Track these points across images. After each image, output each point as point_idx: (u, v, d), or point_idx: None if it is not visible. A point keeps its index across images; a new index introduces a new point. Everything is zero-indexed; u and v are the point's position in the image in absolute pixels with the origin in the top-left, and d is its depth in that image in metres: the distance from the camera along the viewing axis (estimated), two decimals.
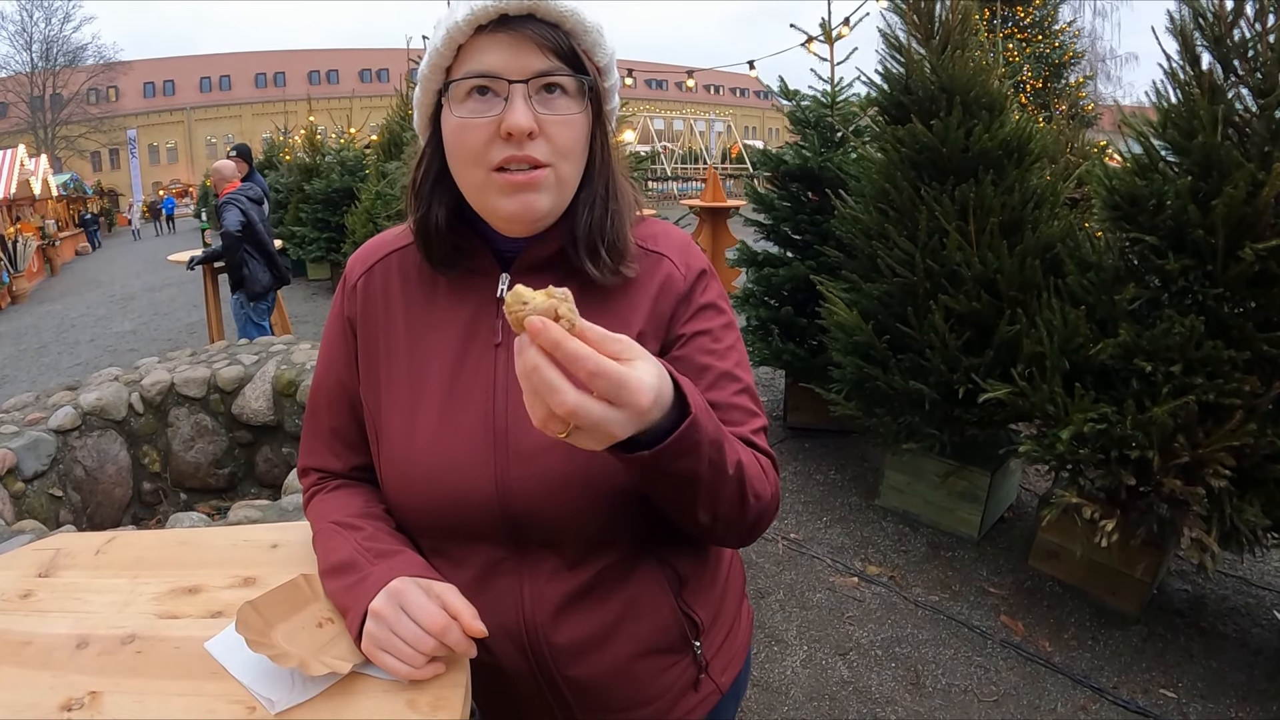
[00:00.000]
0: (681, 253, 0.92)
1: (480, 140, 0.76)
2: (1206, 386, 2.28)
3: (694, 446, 0.67)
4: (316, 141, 11.74)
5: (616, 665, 0.87)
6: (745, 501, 0.78)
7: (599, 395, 0.57)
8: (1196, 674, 2.54)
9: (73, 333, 9.38)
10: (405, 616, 0.75)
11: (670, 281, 0.89)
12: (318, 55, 62.46)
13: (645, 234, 0.92)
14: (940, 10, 3.26)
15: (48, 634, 0.83)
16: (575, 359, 0.56)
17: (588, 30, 0.79)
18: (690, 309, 0.89)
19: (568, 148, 0.79)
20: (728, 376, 0.88)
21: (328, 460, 0.98)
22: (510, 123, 0.74)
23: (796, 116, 4.58)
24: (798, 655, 2.70)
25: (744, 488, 0.77)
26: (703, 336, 0.89)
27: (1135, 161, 2.56)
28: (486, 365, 0.85)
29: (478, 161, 0.77)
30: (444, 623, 0.74)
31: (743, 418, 0.87)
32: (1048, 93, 12.27)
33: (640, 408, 0.59)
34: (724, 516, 0.78)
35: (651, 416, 0.62)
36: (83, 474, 2.92)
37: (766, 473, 0.85)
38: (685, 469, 0.69)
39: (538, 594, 0.84)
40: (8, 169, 16.86)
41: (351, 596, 0.80)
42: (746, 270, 4.73)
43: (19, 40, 41.05)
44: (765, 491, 0.82)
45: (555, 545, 0.85)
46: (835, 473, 4.12)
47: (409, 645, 0.73)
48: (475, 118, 0.76)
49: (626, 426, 0.60)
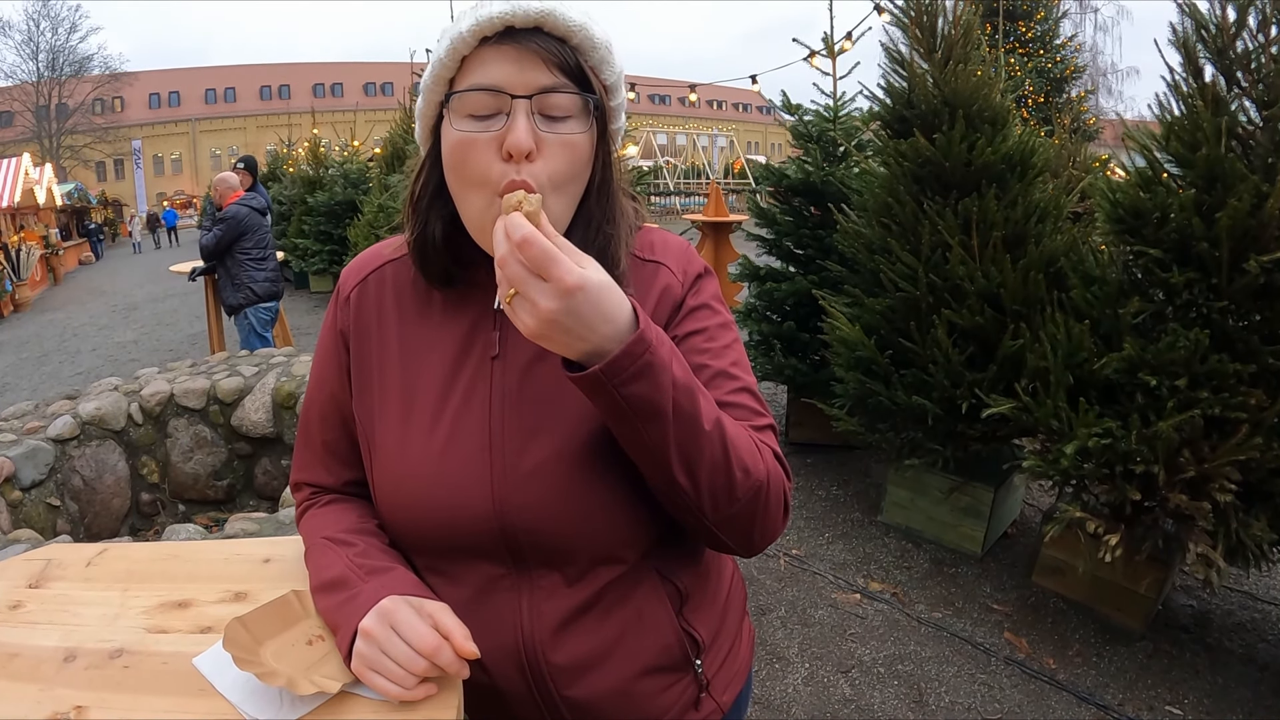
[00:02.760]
0: (680, 260, 0.91)
1: (482, 160, 0.74)
2: (1212, 400, 2.27)
3: (647, 369, 0.67)
4: (320, 154, 11.80)
5: (616, 685, 0.85)
6: (731, 470, 0.75)
7: (528, 263, 0.63)
8: (1202, 690, 2.51)
9: (74, 342, 9.40)
10: (396, 636, 0.73)
11: (668, 290, 0.88)
12: (322, 68, 62.87)
13: (644, 243, 0.91)
14: (943, 25, 3.27)
15: (36, 646, 0.82)
16: (511, 226, 0.63)
17: (596, 46, 0.77)
18: (683, 311, 0.88)
19: (568, 172, 0.77)
20: (724, 375, 0.86)
21: (320, 475, 0.97)
22: (510, 142, 0.72)
23: (799, 131, 4.59)
24: (799, 673, 2.68)
25: (728, 452, 0.74)
26: (696, 336, 0.87)
27: (1139, 174, 2.56)
28: (484, 378, 0.84)
29: (481, 184, 0.75)
30: (435, 643, 0.72)
31: (746, 416, 0.85)
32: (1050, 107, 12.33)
33: (565, 284, 0.62)
34: (707, 483, 0.74)
35: (598, 328, 0.66)
36: (81, 484, 2.91)
37: (763, 455, 0.81)
38: (644, 397, 0.68)
39: (537, 612, 0.82)
40: (12, 177, 16.94)
41: (342, 614, 0.78)
42: (749, 285, 4.73)
43: (26, 49, 41.34)
44: (758, 469, 0.78)
45: (554, 562, 0.82)
46: (838, 488, 4.10)
47: (400, 666, 0.72)
48: (476, 133, 0.74)
49: (551, 300, 0.63)
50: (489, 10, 0.72)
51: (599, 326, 0.66)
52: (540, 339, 0.66)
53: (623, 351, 0.66)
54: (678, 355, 0.72)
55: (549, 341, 0.66)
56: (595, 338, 0.66)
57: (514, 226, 0.64)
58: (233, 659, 0.73)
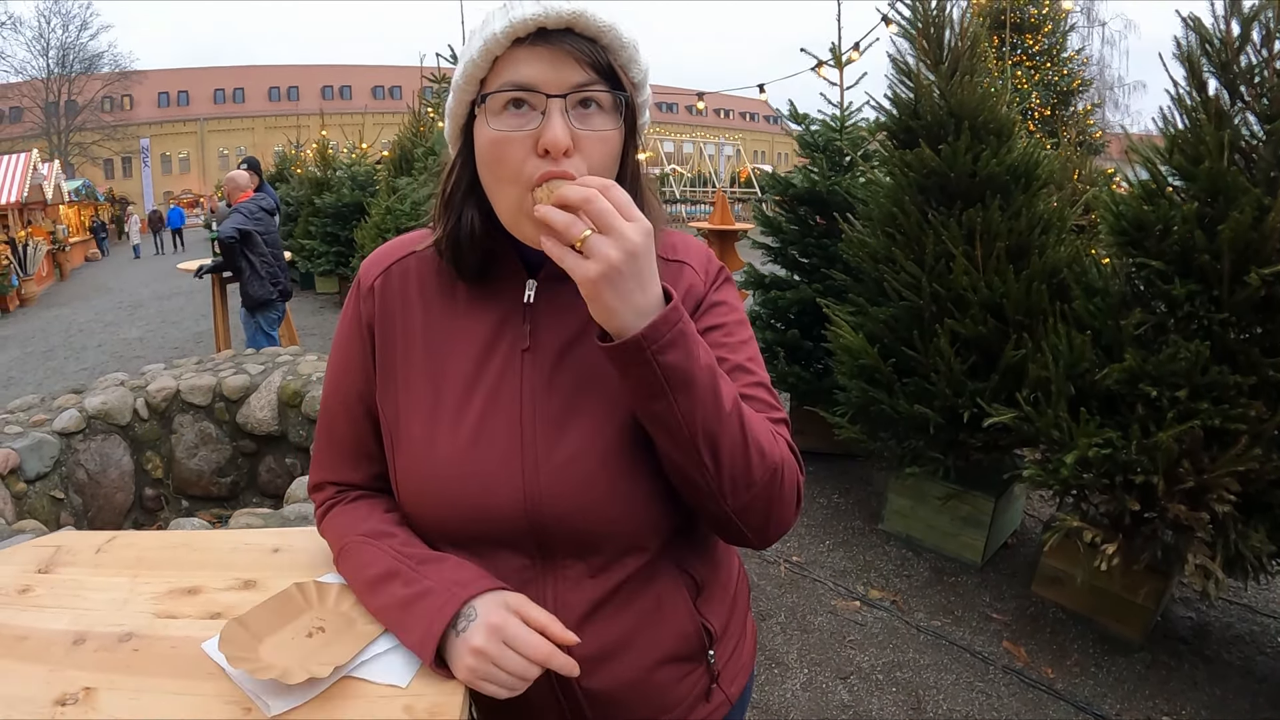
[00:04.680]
0: (702, 261, 0.94)
1: (516, 156, 0.76)
2: (1212, 412, 2.27)
3: (681, 336, 0.71)
4: (328, 156, 11.83)
5: (635, 675, 0.87)
6: (749, 452, 0.77)
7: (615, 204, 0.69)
8: (1200, 702, 2.51)
9: (80, 338, 9.43)
10: (509, 651, 0.75)
11: (692, 289, 0.90)
12: (331, 70, 62.98)
13: (667, 245, 0.93)
14: (949, 36, 3.29)
15: (45, 629, 0.83)
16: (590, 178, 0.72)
17: (624, 46, 0.78)
18: (704, 307, 0.90)
19: (602, 167, 0.78)
20: (741, 369, 0.88)
21: (345, 473, 0.97)
22: (548, 139, 0.73)
23: (805, 140, 4.61)
24: (798, 678, 2.68)
25: (745, 432, 0.77)
26: (715, 331, 0.89)
27: (1142, 187, 2.57)
28: (514, 371, 0.85)
29: (514, 179, 0.77)
30: (548, 650, 0.75)
31: (762, 408, 0.86)
32: (1056, 120, 12.33)
33: (639, 232, 0.69)
34: (728, 463, 0.76)
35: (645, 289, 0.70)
36: (85, 477, 2.92)
37: (777, 439, 0.83)
38: (678, 365, 0.71)
39: (562, 602, 0.83)
40: (21, 173, 17.02)
41: (413, 616, 0.79)
42: (753, 293, 4.74)
43: (36, 46, 41.46)
44: (774, 452, 0.80)
45: (580, 552, 0.84)
46: (839, 496, 4.10)
47: (514, 675, 0.75)
48: (511, 132, 0.76)
49: (622, 246, 0.68)
50: (522, 12, 0.73)
51: (646, 287, 0.70)
52: (594, 288, 0.69)
53: (661, 317, 0.70)
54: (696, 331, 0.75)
55: (599, 294, 0.69)
56: (638, 300, 0.70)
57: (593, 178, 0.71)
58: (226, 658, 0.74)
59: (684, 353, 0.71)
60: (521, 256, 0.88)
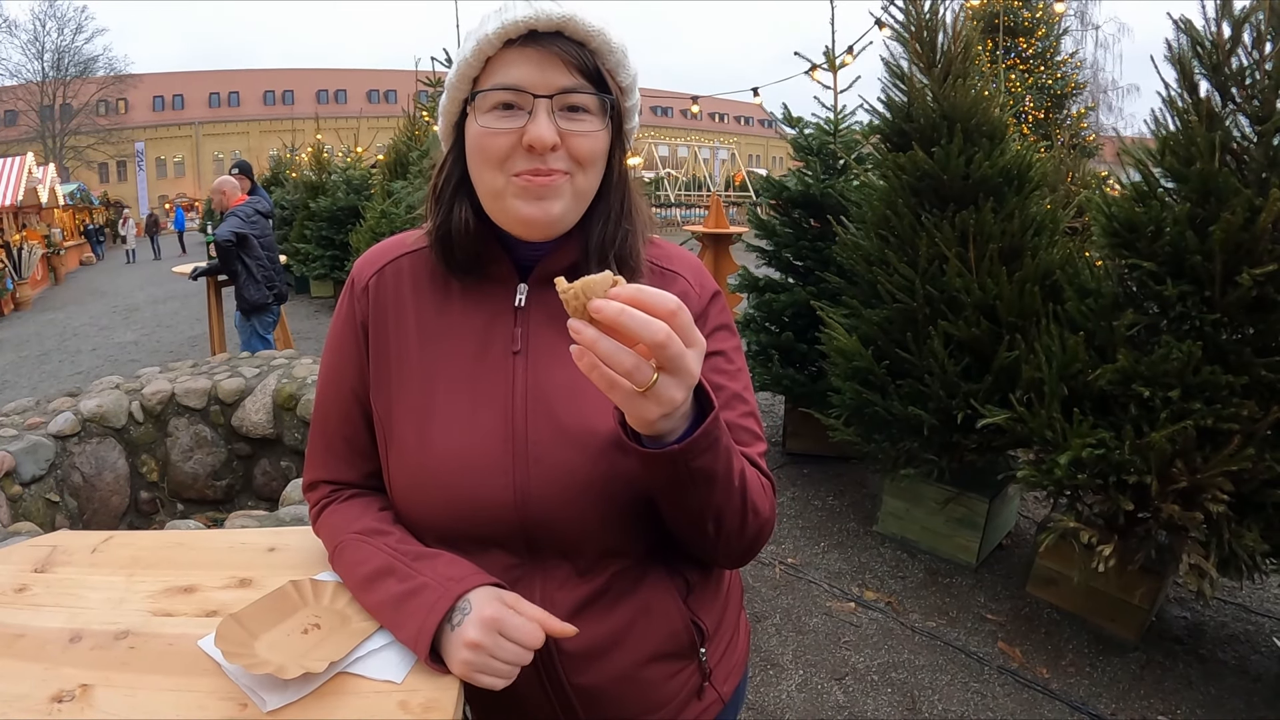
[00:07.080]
0: (695, 273, 0.95)
1: (503, 147, 0.78)
2: (1205, 412, 2.28)
3: (715, 443, 0.71)
4: (323, 160, 11.82)
5: (625, 671, 0.87)
6: (746, 515, 0.80)
7: (681, 332, 0.62)
8: (1195, 701, 2.51)
9: (75, 341, 9.40)
10: (504, 640, 0.75)
11: (685, 300, 0.90)
12: (326, 75, 62.96)
13: (658, 254, 0.94)
14: (943, 40, 3.30)
15: (41, 628, 0.83)
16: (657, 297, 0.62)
17: (613, 50, 0.81)
18: (706, 328, 0.91)
19: (587, 159, 0.81)
20: (738, 398, 0.90)
21: (340, 471, 0.97)
22: (532, 135, 0.76)
23: (799, 144, 4.63)
24: (793, 680, 2.68)
25: (745, 500, 0.79)
26: (717, 357, 0.90)
27: (1134, 189, 2.58)
28: (504, 373, 0.86)
29: (499, 167, 0.79)
30: (542, 617, 0.77)
31: (749, 439, 0.89)
32: (1050, 123, 12.36)
33: (694, 379, 0.64)
34: (727, 528, 0.79)
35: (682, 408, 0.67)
36: (80, 480, 2.91)
37: (765, 491, 0.86)
38: (706, 466, 0.71)
39: (550, 600, 0.84)
40: (16, 176, 16.96)
41: (407, 612, 0.79)
42: (748, 296, 4.75)
43: (31, 49, 41.29)
44: (764, 508, 0.84)
45: (569, 553, 0.85)
46: (833, 498, 4.11)
47: (508, 664, 0.76)
48: (499, 127, 0.78)
49: (681, 393, 0.64)
50: (514, 15, 0.76)
51: (688, 389, 0.66)
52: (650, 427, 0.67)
53: (702, 431, 0.69)
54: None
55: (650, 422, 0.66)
56: (678, 406, 0.66)
57: (659, 297, 0.61)
58: (222, 654, 0.75)
59: (713, 455, 0.72)
60: (514, 259, 0.89)
